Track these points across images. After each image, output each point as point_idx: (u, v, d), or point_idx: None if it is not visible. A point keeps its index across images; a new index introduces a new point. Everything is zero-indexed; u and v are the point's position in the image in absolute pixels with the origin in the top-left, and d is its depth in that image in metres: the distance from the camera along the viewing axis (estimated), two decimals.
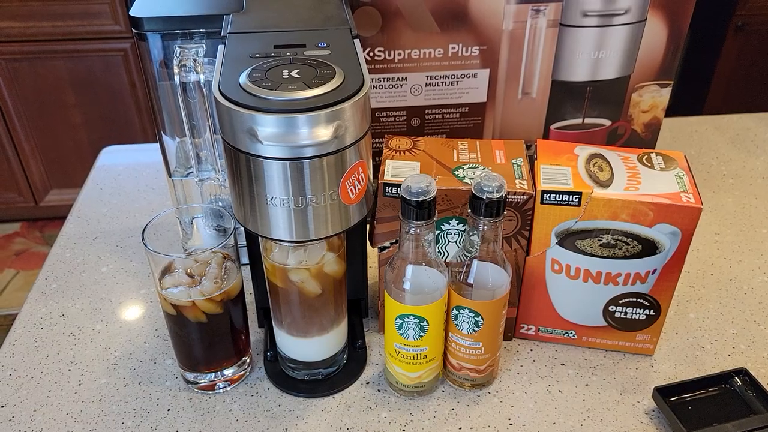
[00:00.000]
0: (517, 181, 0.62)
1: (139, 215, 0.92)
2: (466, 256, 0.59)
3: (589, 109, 0.83)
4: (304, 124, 0.48)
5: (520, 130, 0.84)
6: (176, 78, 0.64)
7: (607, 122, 0.85)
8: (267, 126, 0.48)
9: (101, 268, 0.82)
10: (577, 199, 0.60)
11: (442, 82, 0.79)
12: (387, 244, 0.66)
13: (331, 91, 0.50)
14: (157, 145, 0.74)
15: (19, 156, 2.14)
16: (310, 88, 0.50)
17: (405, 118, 0.82)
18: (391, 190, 0.62)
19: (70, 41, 1.95)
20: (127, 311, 0.75)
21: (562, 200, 0.61)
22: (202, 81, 0.64)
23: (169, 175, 0.76)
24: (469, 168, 0.64)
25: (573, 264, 0.64)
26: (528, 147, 0.86)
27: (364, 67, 0.55)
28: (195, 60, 0.64)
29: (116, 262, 0.83)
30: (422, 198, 0.54)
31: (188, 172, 0.81)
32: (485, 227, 0.57)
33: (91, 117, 2.10)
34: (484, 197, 0.55)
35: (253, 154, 0.50)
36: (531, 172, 0.64)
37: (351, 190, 0.54)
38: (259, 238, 0.58)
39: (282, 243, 0.56)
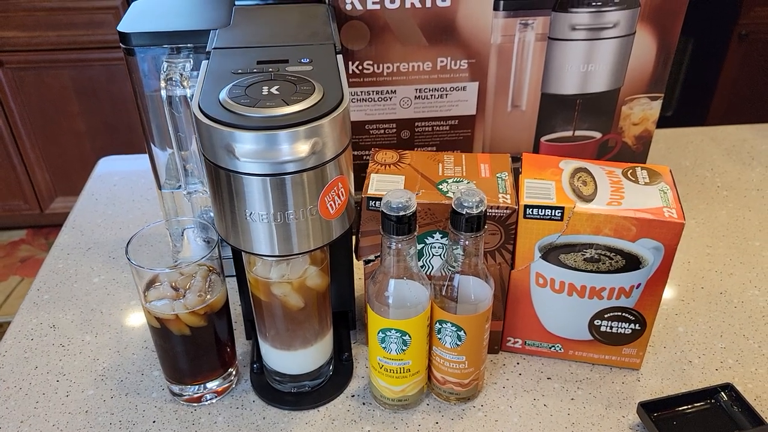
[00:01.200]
0: (500, 195, 0.62)
1: (133, 226, 0.92)
2: (450, 270, 0.60)
3: (579, 121, 0.83)
4: (282, 141, 0.49)
5: (510, 142, 0.84)
6: (162, 92, 0.65)
7: (598, 135, 0.85)
8: (245, 142, 0.48)
9: (93, 278, 0.83)
10: (559, 214, 0.60)
11: (432, 95, 0.80)
12: (372, 257, 0.66)
13: (309, 107, 0.50)
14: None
15: (25, 164, 2.16)
16: (288, 104, 0.50)
17: (395, 130, 0.82)
18: (375, 203, 0.63)
19: (74, 50, 1.97)
20: (117, 322, 0.76)
21: (544, 215, 0.61)
22: (188, 95, 0.65)
23: (159, 187, 0.76)
24: (453, 182, 0.65)
25: (557, 278, 0.64)
26: (518, 160, 0.86)
27: (345, 83, 0.55)
28: (182, 74, 0.64)
29: (108, 273, 0.84)
30: (402, 213, 0.54)
31: (179, 184, 0.81)
32: (466, 242, 0.57)
33: (95, 125, 2.12)
34: (464, 212, 0.55)
35: (232, 170, 0.50)
36: (515, 186, 0.64)
37: (331, 205, 0.54)
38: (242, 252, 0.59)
39: (263, 257, 0.56)
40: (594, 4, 0.75)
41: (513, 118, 0.82)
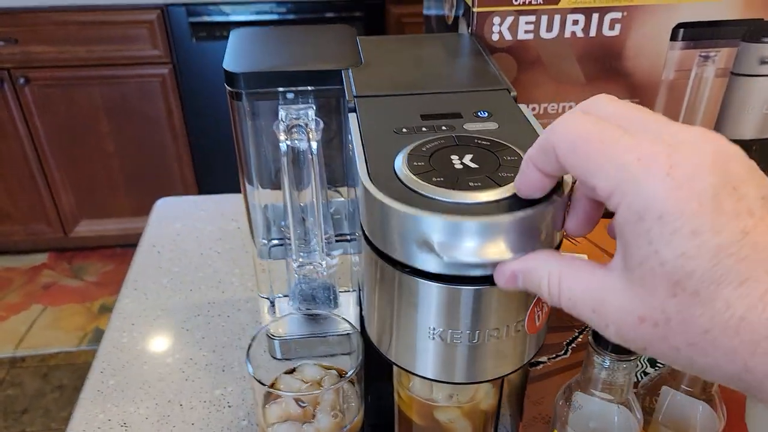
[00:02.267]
0: None
1: (206, 287, 0.78)
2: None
3: None
4: (503, 233, 0.34)
5: None
6: (282, 145, 0.51)
7: None
8: (451, 236, 0.34)
9: (166, 358, 0.69)
10: None
11: None
12: (544, 358, 0.52)
13: None
14: (217, 197, 0.61)
15: (49, 185, 2.03)
16: (499, 184, 0.36)
17: None
18: None
19: (105, 66, 1.84)
20: (201, 420, 0.62)
21: None
22: (314, 149, 0.51)
23: (260, 255, 0.62)
24: None
25: None
26: None
27: None
28: (306, 124, 0.51)
29: (183, 350, 0.70)
30: None
31: (272, 245, 0.67)
32: None
33: (125, 145, 1.99)
34: None
35: (421, 273, 0.36)
36: None
37: (538, 315, 0.40)
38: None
39: (439, 383, 0.42)
40: None
41: None
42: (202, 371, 0.67)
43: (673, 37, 0.61)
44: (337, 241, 0.67)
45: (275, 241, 0.68)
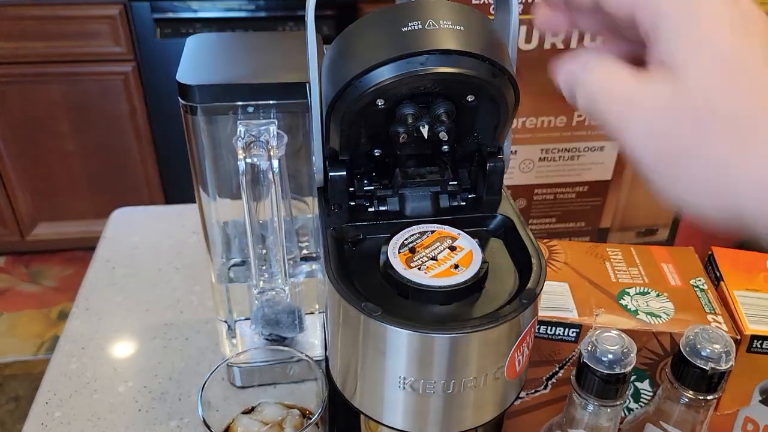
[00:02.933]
0: (710, 317, 0.45)
1: (163, 307, 0.74)
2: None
3: None
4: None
5: (646, 212, 0.68)
6: (241, 163, 0.47)
7: None
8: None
9: (118, 387, 0.64)
10: None
11: (560, 157, 0.63)
12: (523, 394, 0.49)
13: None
14: (178, 207, 0.56)
15: (5, 185, 1.94)
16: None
17: None
18: (537, 329, 0.45)
19: (64, 63, 1.76)
20: None
21: None
22: (275, 167, 0.47)
23: (218, 279, 0.58)
24: (637, 294, 0.47)
25: None
26: (653, 232, 0.69)
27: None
28: (267, 141, 0.47)
29: (137, 378, 0.65)
30: (616, 370, 0.37)
31: (231, 264, 0.63)
32: (692, 403, 0.40)
33: (86, 145, 1.91)
34: (706, 367, 0.38)
35: (390, 318, 0.33)
36: (721, 301, 0.47)
37: (519, 360, 0.36)
38: None
39: None
40: None
41: None
42: (157, 401, 0.63)
43: None
44: (303, 259, 0.63)
45: (235, 260, 0.64)
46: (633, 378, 0.47)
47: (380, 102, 0.36)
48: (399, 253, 0.36)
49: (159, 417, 0.61)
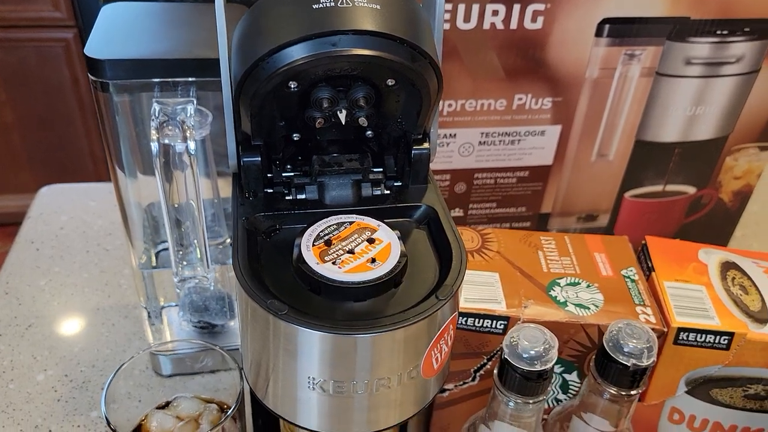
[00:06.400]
0: (639, 309, 0.45)
1: (90, 291, 0.70)
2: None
3: (673, 174, 0.67)
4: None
5: (587, 197, 0.67)
6: (154, 145, 0.44)
7: (692, 190, 0.68)
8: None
9: (37, 375, 0.61)
10: (726, 341, 0.43)
11: (500, 141, 0.61)
12: (451, 386, 0.48)
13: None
14: (111, 185, 0.53)
15: None
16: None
17: (448, 183, 0.63)
18: (465, 321, 0.44)
19: (1, 29, 1.67)
20: None
21: (705, 341, 0.44)
22: (191, 149, 0.44)
23: (139, 264, 0.55)
24: (567, 285, 0.47)
25: (701, 415, 0.48)
26: (594, 218, 0.69)
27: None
28: (183, 122, 0.44)
29: (58, 366, 0.62)
30: (537, 366, 0.36)
31: (158, 250, 0.60)
32: (616, 398, 0.39)
33: (26, 116, 1.82)
34: (628, 363, 0.37)
35: (297, 321, 0.31)
36: (651, 292, 0.47)
37: (436, 358, 0.35)
38: None
39: None
40: (718, 33, 0.58)
41: (596, 169, 0.65)
42: (78, 390, 0.60)
43: (598, 33, 0.57)
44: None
45: (164, 244, 0.61)
46: (561, 370, 0.46)
47: (293, 84, 0.33)
48: (313, 245, 0.34)
49: (79, 407, 0.58)
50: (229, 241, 0.61)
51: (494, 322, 0.44)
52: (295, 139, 0.39)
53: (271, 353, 0.33)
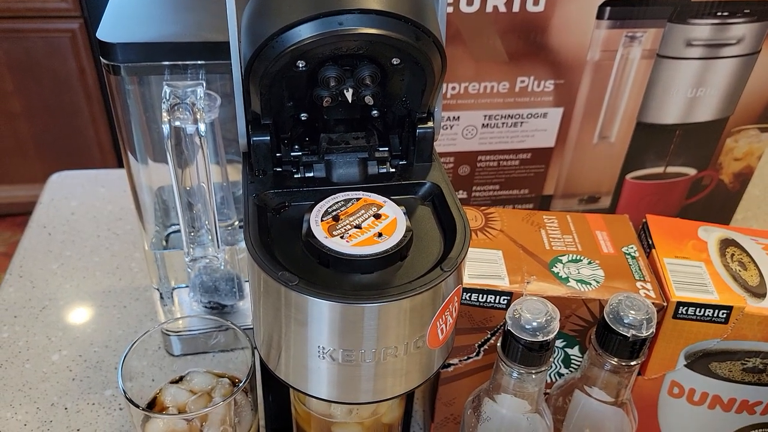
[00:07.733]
0: (639, 284, 0.46)
1: (101, 274, 0.72)
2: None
3: (675, 156, 0.68)
4: None
5: (589, 179, 0.68)
6: (165, 127, 0.45)
7: (693, 171, 0.69)
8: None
9: (52, 355, 0.62)
10: (724, 315, 0.45)
11: (503, 123, 0.62)
12: (455, 360, 0.49)
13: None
14: (120, 171, 0.55)
15: None
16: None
17: (452, 165, 0.64)
18: (469, 297, 0.45)
19: (5, 19, 1.68)
20: (87, 423, 0.56)
21: (703, 315, 0.45)
22: (201, 131, 0.46)
23: (152, 246, 0.56)
24: (569, 261, 0.48)
25: (700, 389, 0.49)
26: (596, 199, 0.70)
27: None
28: (193, 105, 0.45)
29: (72, 346, 0.63)
30: (539, 338, 0.37)
31: (168, 233, 0.62)
32: (617, 369, 0.40)
33: (33, 106, 1.83)
34: (628, 334, 0.38)
35: (309, 288, 0.32)
36: (651, 268, 0.48)
37: (441, 329, 0.36)
38: None
39: (335, 403, 0.38)
40: (719, 14, 0.58)
41: (598, 151, 0.66)
42: (92, 369, 0.61)
43: (600, 16, 0.57)
44: (242, 226, 0.62)
45: (175, 227, 0.62)
46: (563, 344, 0.48)
47: (301, 63, 0.34)
48: (322, 221, 0.35)
49: (93, 386, 0.60)
50: (237, 223, 0.62)
51: (498, 297, 0.45)
52: (303, 118, 0.40)
53: (282, 324, 0.35)
